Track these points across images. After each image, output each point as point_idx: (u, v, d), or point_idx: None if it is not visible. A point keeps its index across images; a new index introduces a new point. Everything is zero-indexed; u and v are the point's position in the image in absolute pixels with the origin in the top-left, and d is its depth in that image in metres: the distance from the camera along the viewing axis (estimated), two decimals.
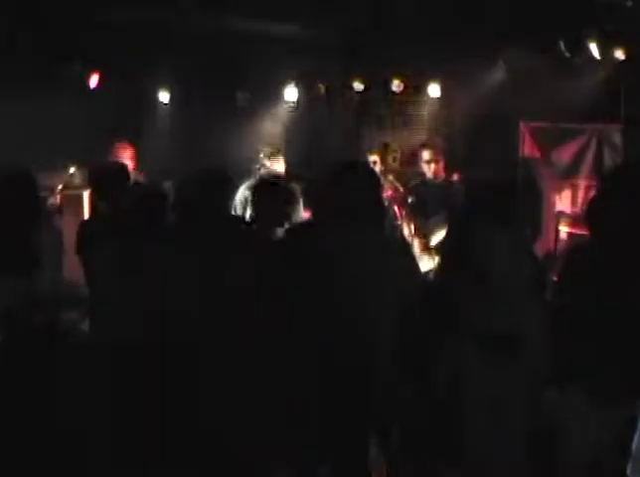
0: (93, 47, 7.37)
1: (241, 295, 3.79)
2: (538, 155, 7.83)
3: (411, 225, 6.06)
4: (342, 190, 3.75)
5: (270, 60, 7.71)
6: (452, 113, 8.19)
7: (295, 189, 4.63)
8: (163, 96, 8.25)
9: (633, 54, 6.92)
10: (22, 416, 3.76)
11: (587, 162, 7.69)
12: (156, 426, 3.65)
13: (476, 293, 3.01)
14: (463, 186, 6.37)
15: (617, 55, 6.98)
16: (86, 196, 6.69)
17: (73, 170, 6.76)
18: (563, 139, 7.78)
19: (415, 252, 5.32)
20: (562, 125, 7.77)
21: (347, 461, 3.70)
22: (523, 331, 3.01)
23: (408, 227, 6.08)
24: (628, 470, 2.80)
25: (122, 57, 7.51)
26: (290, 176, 5.88)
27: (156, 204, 4.30)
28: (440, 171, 6.49)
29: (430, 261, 5.63)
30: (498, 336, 2.99)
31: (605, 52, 6.99)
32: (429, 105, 8.36)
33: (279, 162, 6.63)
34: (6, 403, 3.79)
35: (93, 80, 7.74)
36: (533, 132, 7.90)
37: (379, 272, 3.60)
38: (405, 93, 8.36)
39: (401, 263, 3.73)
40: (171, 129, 8.13)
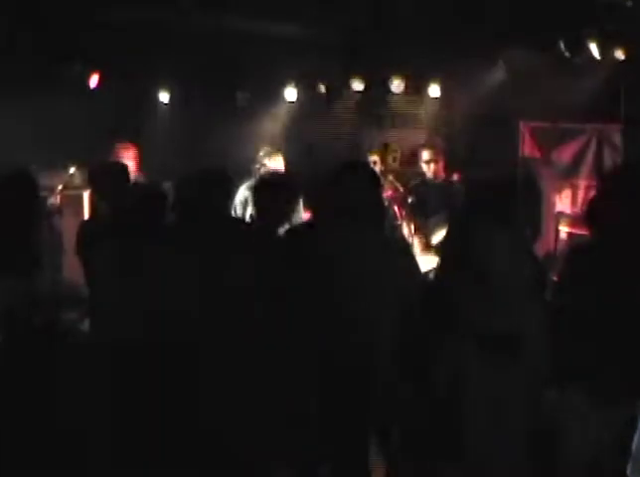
0: (93, 47, 7.37)
1: (241, 295, 3.79)
2: (538, 155, 7.83)
3: (411, 225, 6.06)
4: (342, 190, 3.75)
5: (270, 60, 7.71)
6: (452, 113, 8.19)
7: (296, 188, 4.63)
8: (163, 96, 8.25)
9: (633, 54, 6.92)
10: (22, 416, 3.76)
11: (587, 162, 7.70)
12: (156, 426, 3.65)
13: (476, 293, 3.01)
14: (463, 186, 6.37)
15: (617, 55, 6.99)
16: (86, 196, 6.69)
17: (73, 170, 6.75)
18: (563, 139, 7.78)
19: (415, 252, 5.33)
20: (562, 125, 7.77)
21: (347, 461, 3.71)
22: (523, 331, 3.01)
23: (408, 227, 6.07)
24: (628, 470, 2.80)
25: (122, 57, 7.51)
26: (290, 175, 5.87)
27: (156, 204, 4.29)
28: (440, 171, 6.49)
29: (431, 261, 5.63)
30: (498, 336, 2.99)
31: (605, 52, 6.99)
32: (429, 105, 8.36)
33: (279, 161, 6.62)
34: (6, 403, 3.79)
35: (93, 81, 7.74)
36: (533, 132, 7.90)
37: (379, 272, 3.60)
38: (406, 93, 8.36)
39: (401, 263, 3.74)
40: (171, 129, 8.11)
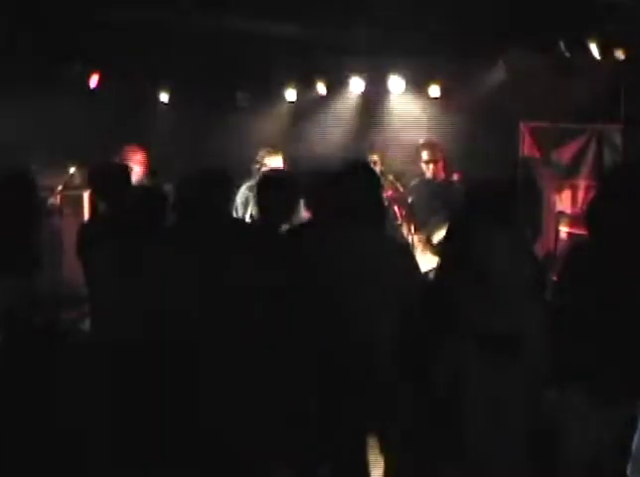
0: (93, 47, 7.37)
1: (241, 295, 3.79)
2: (538, 155, 7.82)
3: (411, 225, 6.07)
4: (342, 190, 3.75)
5: (270, 60, 7.71)
6: (452, 113, 8.18)
7: (298, 186, 4.63)
8: (163, 96, 8.25)
9: (633, 54, 6.91)
10: (22, 416, 3.76)
11: (587, 162, 7.68)
12: (156, 426, 3.65)
13: (476, 293, 3.01)
14: (463, 186, 6.38)
15: (617, 55, 6.98)
16: (86, 196, 6.70)
17: (73, 170, 6.75)
18: (563, 139, 7.77)
19: (415, 252, 5.33)
20: (562, 125, 7.76)
21: (347, 461, 3.71)
22: (523, 331, 3.01)
23: (408, 227, 6.08)
24: (628, 470, 2.80)
25: (122, 57, 7.51)
26: (291, 174, 5.88)
27: (156, 204, 4.30)
28: (440, 171, 6.50)
29: (431, 261, 5.63)
30: (498, 336, 2.99)
31: (605, 52, 6.98)
32: (429, 105, 8.35)
33: (278, 161, 6.63)
34: (6, 403, 3.79)
35: (93, 81, 7.74)
36: (533, 132, 7.89)
37: (379, 272, 3.60)
38: (405, 93, 8.36)
39: (401, 263, 3.74)
40: (171, 129, 8.12)
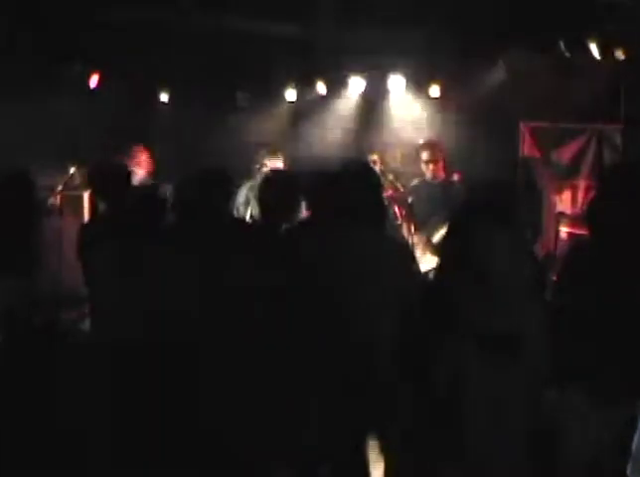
0: (93, 47, 7.37)
1: (242, 295, 3.79)
2: (538, 155, 7.82)
3: (411, 225, 6.06)
4: (342, 190, 3.75)
5: (270, 60, 7.71)
6: (452, 113, 8.18)
7: (299, 186, 4.63)
8: (163, 96, 8.25)
9: (633, 54, 6.91)
10: (22, 416, 3.76)
11: (587, 162, 7.69)
12: (156, 426, 3.65)
13: (476, 293, 3.01)
14: (463, 186, 6.37)
15: (617, 55, 6.98)
16: (86, 196, 6.70)
17: (73, 170, 6.75)
18: (563, 139, 7.77)
19: (415, 252, 5.32)
20: (562, 125, 7.76)
21: (347, 461, 3.70)
22: (523, 331, 3.01)
23: (408, 227, 6.08)
24: (628, 470, 2.80)
25: (122, 57, 7.51)
26: (293, 174, 5.88)
27: (155, 204, 4.30)
28: (439, 171, 6.49)
29: (431, 261, 5.63)
30: (498, 336, 2.98)
31: (605, 52, 6.98)
32: (429, 105, 8.35)
33: (279, 161, 6.63)
34: (6, 403, 3.79)
35: (93, 81, 7.74)
36: (533, 132, 7.90)
37: (379, 272, 3.60)
38: (406, 93, 8.36)
39: (401, 263, 3.74)
40: (171, 129, 8.12)
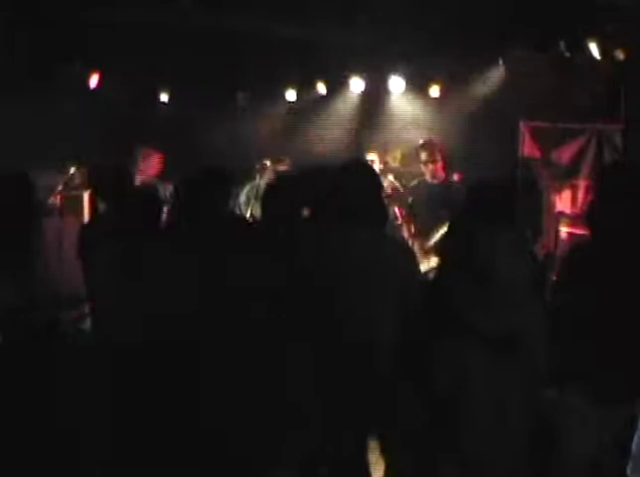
0: (93, 47, 7.37)
1: (242, 295, 3.79)
2: (538, 155, 7.83)
3: (411, 225, 6.06)
4: (342, 190, 3.75)
5: (270, 60, 7.71)
6: (452, 113, 8.19)
7: (301, 189, 4.63)
8: (163, 96, 8.25)
9: (633, 54, 6.92)
10: (22, 417, 3.75)
11: (587, 162, 7.70)
12: (156, 427, 3.65)
13: (476, 293, 3.01)
14: (463, 186, 6.37)
15: (617, 55, 6.98)
16: (86, 196, 6.69)
17: (73, 170, 6.75)
18: (563, 139, 7.78)
19: (416, 252, 5.32)
20: (562, 125, 7.77)
21: (347, 461, 3.70)
22: (523, 331, 3.01)
23: (408, 227, 6.08)
24: (628, 470, 2.80)
25: (122, 57, 7.51)
26: (296, 179, 5.90)
27: (155, 204, 4.30)
28: (438, 171, 6.48)
29: (431, 261, 5.64)
30: (498, 336, 2.99)
31: (605, 52, 6.99)
32: (429, 105, 8.35)
33: (283, 167, 6.70)
34: (6, 404, 3.79)
35: (93, 81, 7.74)
36: (533, 132, 7.90)
37: (379, 272, 3.60)
38: (405, 93, 8.36)
39: (402, 263, 3.73)
40: (171, 129, 8.12)
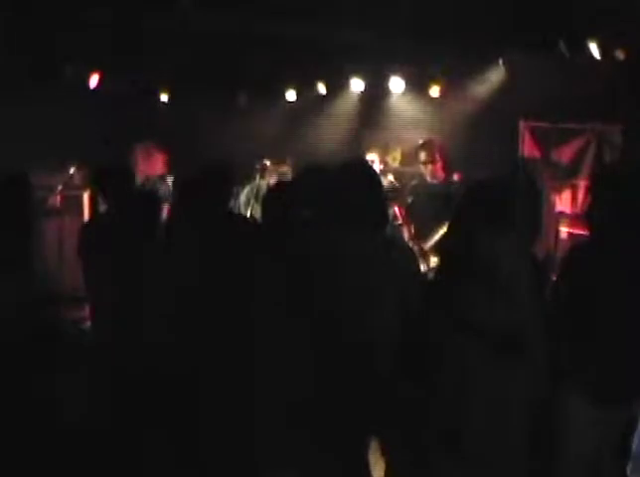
0: (93, 47, 7.37)
1: (242, 295, 3.79)
2: (538, 155, 7.84)
3: (411, 226, 6.07)
4: (342, 191, 3.75)
5: (270, 60, 7.71)
6: (452, 113, 8.19)
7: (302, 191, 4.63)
8: (163, 96, 8.26)
9: (633, 54, 6.92)
10: (22, 416, 3.76)
11: (587, 162, 7.70)
12: (156, 426, 3.65)
13: (477, 293, 3.01)
14: (463, 186, 6.36)
15: (617, 55, 6.98)
16: (86, 196, 6.70)
17: (73, 170, 6.76)
18: (563, 139, 7.79)
19: (416, 252, 5.32)
20: (562, 125, 7.77)
21: (347, 462, 3.70)
22: (523, 331, 3.01)
23: (408, 227, 6.08)
24: (628, 470, 2.81)
25: (122, 57, 7.51)
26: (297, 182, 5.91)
27: (155, 204, 4.30)
28: (438, 171, 6.47)
29: (431, 261, 5.64)
30: (499, 336, 2.99)
31: (605, 52, 6.99)
32: (429, 105, 8.35)
33: (285, 168, 6.70)
34: (6, 404, 3.79)
35: (93, 81, 7.75)
36: (533, 132, 7.91)
37: (379, 272, 3.60)
38: (405, 93, 8.37)
39: (402, 263, 3.73)
40: (171, 129, 8.12)
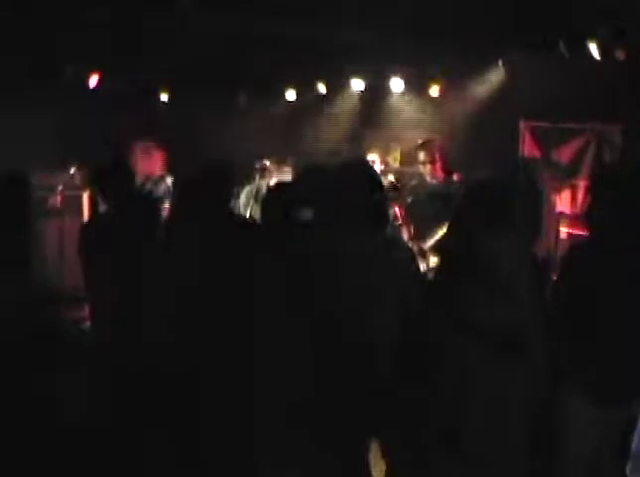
0: (93, 47, 7.37)
1: (242, 295, 3.79)
2: (538, 155, 7.83)
3: (411, 226, 6.07)
4: (342, 191, 3.75)
5: (270, 60, 7.72)
6: (452, 113, 8.19)
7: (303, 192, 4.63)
8: (163, 96, 8.26)
9: (633, 54, 6.92)
10: (22, 417, 3.76)
11: (587, 162, 7.70)
12: (156, 426, 3.65)
13: (477, 293, 3.01)
14: (463, 186, 6.36)
15: (617, 55, 6.98)
16: (86, 196, 6.70)
17: (73, 170, 6.76)
18: (563, 139, 7.79)
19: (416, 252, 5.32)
20: (562, 125, 7.77)
21: (347, 462, 3.70)
22: (523, 331, 3.01)
23: (408, 227, 6.08)
24: (628, 470, 2.81)
25: (122, 57, 7.51)
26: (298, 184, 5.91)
27: (155, 203, 4.30)
28: (437, 171, 6.47)
29: (431, 261, 5.64)
30: (499, 336, 2.99)
31: (605, 52, 6.99)
32: (429, 105, 8.36)
33: (286, 171, 6.70)
34: (6, 404, 3.79)
35: (93, 81, 7.75)
36: (533, 132, 7.91)
37: (379, 272, 3.60)
38: (405, 93, 8.37)
39: (402, 263, 3.73)
40: (171, 129, 8.12)
